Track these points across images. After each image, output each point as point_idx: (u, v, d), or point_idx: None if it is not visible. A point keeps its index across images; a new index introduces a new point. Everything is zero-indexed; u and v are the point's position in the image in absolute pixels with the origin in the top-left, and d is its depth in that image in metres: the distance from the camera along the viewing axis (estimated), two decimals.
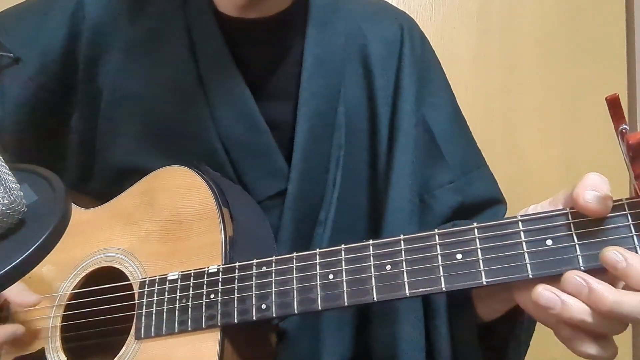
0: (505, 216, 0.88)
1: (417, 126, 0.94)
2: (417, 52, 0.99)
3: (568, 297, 0.59)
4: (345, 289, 0.69)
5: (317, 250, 0.73)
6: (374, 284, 0.68)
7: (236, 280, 0.76)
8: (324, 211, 0.92)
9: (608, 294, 0.57)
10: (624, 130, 0.56)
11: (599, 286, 0.57)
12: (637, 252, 0.58)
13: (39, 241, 0.61)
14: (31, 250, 0.60)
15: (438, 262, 0.66)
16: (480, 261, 0.64)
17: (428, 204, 0.93)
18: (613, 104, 0.55)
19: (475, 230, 0.65)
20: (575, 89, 1.57)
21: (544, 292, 0.60)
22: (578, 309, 0.58)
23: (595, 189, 0.60)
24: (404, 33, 0.98)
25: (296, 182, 0.90)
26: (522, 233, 0.63)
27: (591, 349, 0.59)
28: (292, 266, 0.73)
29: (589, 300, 0.58)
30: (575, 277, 0.59)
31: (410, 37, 0.99)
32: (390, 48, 0.97)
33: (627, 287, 0.58)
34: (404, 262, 0.67)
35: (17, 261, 0.59)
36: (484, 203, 0.96)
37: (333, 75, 0.94)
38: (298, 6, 0.94)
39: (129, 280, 0.84)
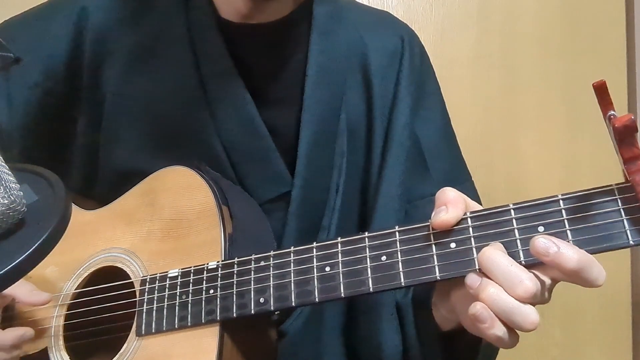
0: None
1: (410, 138, 0.95)
2: (416, 64, 1.00)
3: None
4: (341, 280, 0.70)
5: (314, 243, 0.74)
6: (369, 274, 0.69)
7: (235, 275, 0.76)
8: (327, 217, 0.93)
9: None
10: (611, 116, 0.56)
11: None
12: (627, 237, 0.59)
13: (39, 241, 0.60)
14: (31, 250, 0.59)
15: (432, 252, 0.67)
16: (474, 249, 0.65)
17: (408, 214, 0.94)
18: (600, 90, 0.56)
19: (469, 219, 0.66)
20: (575, 89, 1.57)
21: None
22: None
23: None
24: (404, 44, 0.99)
25: (300, 188, 0.91)
26: (514, 220, 0.64)
27: (498, 331, 0.62)
28: (290, 260, 0.74)
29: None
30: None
31: (410, 49, 0.99)
32: (390, 59, 0.98)
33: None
34: (399, 253, 0.68)
35: (17, 261, 0.58)
36: None
37: (336, 83, 0.95)
38: (300, 13, 0.95)
39: (131, 279, 0.85)
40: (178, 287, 0.80)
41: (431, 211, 0.92)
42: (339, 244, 0.72)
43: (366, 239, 0.71)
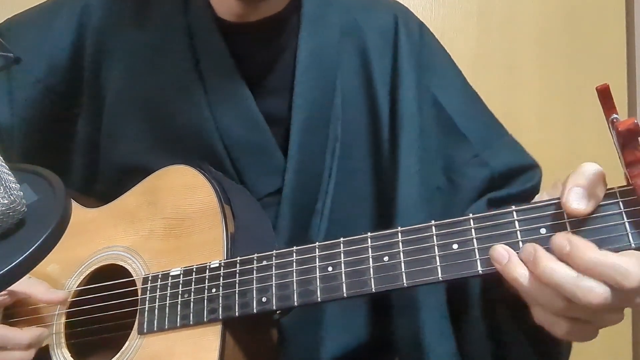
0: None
1: (421, 111, 0.94)
2: (415, 39, 0.99)
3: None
4: (344, 280, 0.70)
5: (317, 243, 0.74)
6: (372, 275, 0.69)
7: (237, 275, 0.77)
8: (320, 201, 0.93)
9: (542, 255, 0.60)
10: (614, 120, 0.56)
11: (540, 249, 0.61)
12: (629, 239, 0.59)
13: (39, 241, 0.60)
14: (31, 250, 0.59)
15: (435, 253, 0.67)
16: (476, 250, 0.65)
17: (457, 183, 0.94)
18: (603, 94, 0.56)
19: (471, 220, 0.66)
20: (575, 89, 1.58)
21: (497, 247, 0.63)
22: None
23: (582, 185, 0.61)
24: (398, 21, 0.99)
25: (293, 173, 0.91)
26: (516, 222, 0.64)
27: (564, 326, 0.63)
28: (292, 259, 0.74)
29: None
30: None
31: (405, 25, 0.99)
32: (385, 37, 0.97)
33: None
34: (401, 253, 0.68)
35: (17, 261, 0.58)
36: (514, 171, 0.96)
37: (328, 68, 0.95)
38: (291, 7, 0.95)
39: (132, 277, 0.85)
40: (180, 285, 0.80)
41: (478, 173, 0.93)
42: (342, 244, 0.72)
43: (369, 239, 0.71)
